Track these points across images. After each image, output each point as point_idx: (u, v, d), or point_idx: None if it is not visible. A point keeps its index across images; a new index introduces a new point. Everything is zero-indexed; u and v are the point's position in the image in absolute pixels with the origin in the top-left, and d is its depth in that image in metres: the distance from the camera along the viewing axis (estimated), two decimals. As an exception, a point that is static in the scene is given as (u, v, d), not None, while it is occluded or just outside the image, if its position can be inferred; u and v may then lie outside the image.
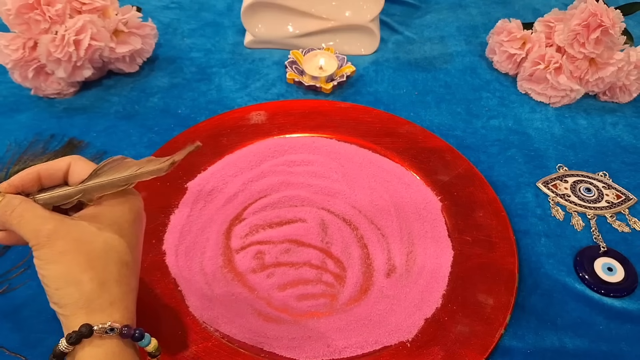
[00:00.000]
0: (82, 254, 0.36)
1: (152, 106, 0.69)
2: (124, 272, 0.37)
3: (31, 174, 0.38)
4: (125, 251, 0.38)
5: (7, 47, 0.62)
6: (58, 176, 0.39)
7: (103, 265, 0.36)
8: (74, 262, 0.35)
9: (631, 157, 0.66)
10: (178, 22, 0.83)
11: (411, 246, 0.54)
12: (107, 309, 0.36)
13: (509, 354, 0.47)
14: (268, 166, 0.61)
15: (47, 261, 0.35)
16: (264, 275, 0.51)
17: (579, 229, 0.58)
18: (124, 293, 0.37)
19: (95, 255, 0.36)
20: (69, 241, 0.36)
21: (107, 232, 0.37)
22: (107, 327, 0.34)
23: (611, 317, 0.51)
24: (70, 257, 0.35)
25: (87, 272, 0.35)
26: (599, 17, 0.64)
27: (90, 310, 0.35)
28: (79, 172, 0.39)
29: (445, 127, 0.68)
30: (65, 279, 0.35)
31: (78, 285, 0.35)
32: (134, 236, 0.39)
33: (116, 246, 0.37)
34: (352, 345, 0.47)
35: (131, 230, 0.39)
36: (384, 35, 0.82)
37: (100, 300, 0.35)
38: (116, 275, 0.37)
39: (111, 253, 0.37)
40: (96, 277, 0.35)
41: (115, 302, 0.36)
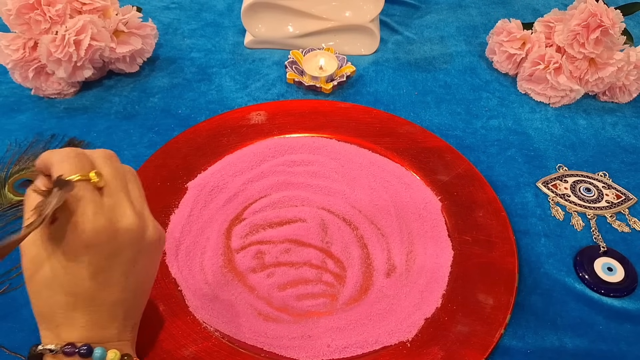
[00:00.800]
0: (35, 282, 0.36)
1: (152, 106, 0.69)
2: (71, 301, 0.36)
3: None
4: (68, 284, 0.35)
5: (8, 47, 0.62)
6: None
7: (49, 295, 0.36)
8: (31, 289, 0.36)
9: (631, 157, 0.66)
10: (178, 23, 0.83)
11: (411, 246, 0.54)
12: (55, 330, 0.36)
13: (508, 353, 0.47)
14: (268, 166, 0.61)
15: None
16: (264, 275, 0.52)
17: (579, 229, 0.58)
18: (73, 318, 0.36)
19: (44, 285, 0.36)
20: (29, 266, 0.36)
21: (54, 263, 0.35)
22: (46, 348, 0.35)
23: (611, 317, 0.51)
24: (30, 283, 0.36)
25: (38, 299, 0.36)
26: (599, 17, 0.64)
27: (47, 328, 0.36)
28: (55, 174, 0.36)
29: (445, 127, 0.68)
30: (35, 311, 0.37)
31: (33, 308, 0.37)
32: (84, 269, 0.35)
33: (58, 279, 0.35)
34: (352, 345, 0.47)
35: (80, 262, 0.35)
36: (384, 35, 0.82)
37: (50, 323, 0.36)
38: (62, 304, 0.36)
39: (55, 284, 0.36)
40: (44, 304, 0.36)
41: (61, 325, 0.36)
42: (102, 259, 0.35)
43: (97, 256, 0.35)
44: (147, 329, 0.46)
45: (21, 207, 0.56)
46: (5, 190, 0.57)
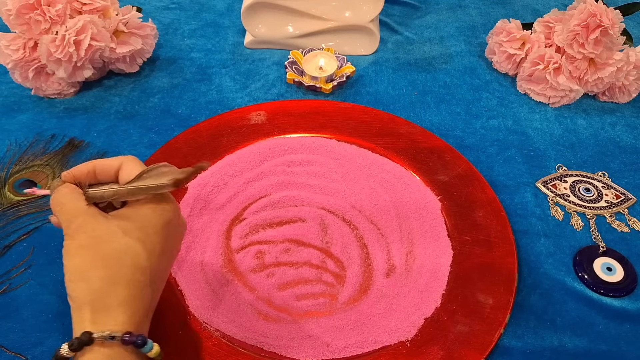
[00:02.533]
0: (98, 252, 0.36)
1: (152, 106, 0.69)
2: (137, 276, 0.37)
3: (88, 167, 0.40)
4: (142, 256, 0.38)
5: (8, 47, 0.62)
6: (110, 173, 0.40)
7: (117, 267, 0.37)
8: (89, 258, 0.36)
9: (630, 157, 0.66)
10: (178, 23, 0.83)
11: (411, 246, 0.54)
12: (113, 311, 0.36)
13: (508, 353, 0.48)
14: (268, 166, 0.61)
15: (68, 252, 0.37)
16: (264, 275, 0.52)
17: (579, 229, 0.58)
18: (133, 296, 0.37)
19: (112, 256, 0.37)
20: (91, 237, 0.37)
21: (131, 234, 0.38)
22: (106, 335, 0.35)
23: (610, 316, 0.51)
24: (87, 253, 0.36)
25: (99, 270, 0.36)
26: (599, 18, 0.64)
27: (96, 308, 0.35)
28: (128, 172, 0.39)
29: (444, 127, 0.68)
30: (78, 273, 0.36)
31: (88, 281, 0.36)
32: (157, 243, 0.39)
33: (135, 250, 0.37)
34: (352, 345, 0.47)
35: (156, 237, 0.39)
36: (384, 35, 0.82)
37: (108, 300, 0.36)
38: (128, 279, 0.37)
39: (128, 256, 0.37)
40: (107, 276, 0.36)
41: (122, 305, 0.36)
42: (170, 241, 0.40)
43: (169, 236, 0.40)
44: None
45: (21, 207, 0.56)
46: (5, 190, 0.57)
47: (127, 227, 0.38)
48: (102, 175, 0.40)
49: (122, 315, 0.36)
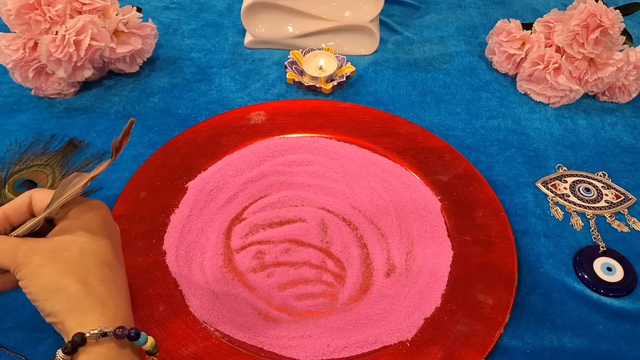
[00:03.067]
0: (60, 262, 0.36)
1: (152, 106, 0.69)
2: (106, 272, 0.37)
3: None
4: (103, 252, 0.38)
5: (8, 47, 0.62)
6: (23, 211, 0.39)
7: (83, 269, 0.36)
8: (54, 271, 0.36)
9: (630, 157, 0.66)
10: (178, 23, 0.83)
11: (411, 246, 0.54)
12: (99, 308, 0.36)
13: (508, 353, 0.48)
14: (268, 166, 0.61)
15: (29, 277, 0.36)
16: (264, 275, 0.52)
17: (578, 229, 0.58)
18: (111, 291, 0.37)
19: (74, 261, 0.36)
20: (45, 254, 0.36)
21: (80, 238, 0.38)
22: (98, 332, 0.34)
23: (610, 316, 0.51)
24: (49, 268, 0.36)
25: (69, 276, 0.36)
26: (598, 18, 0.64)
27: (82, 310, 0.35)
28: (41, 200, 0.39)
29: (444, 127, 0.68)
30: (49, 288, 0.35)
31: (63, 290, 0.35)
32: (106, 237, 0.39)
33: (92, 249, 0.38)
34: (352, 345, 0.47)
35: (103, 233, 0.39)
36: (384, 35, 0.82)
37: (90, 299, 0.36)
38: (99, 276, 0.37)
39: (88, 256, 0.37)
40: (79, 279, 0.36)
41: (105, 301, 0.36)
42: (112, 237, 0.40)
43: (109, 234, 0.40)
44: (147, 329, 0.46)
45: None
46: (5, 190, 0.57)
47: (73, 234, 0.38)
48: (15, 217, 0.39)
49: (107, 311, 0.36)
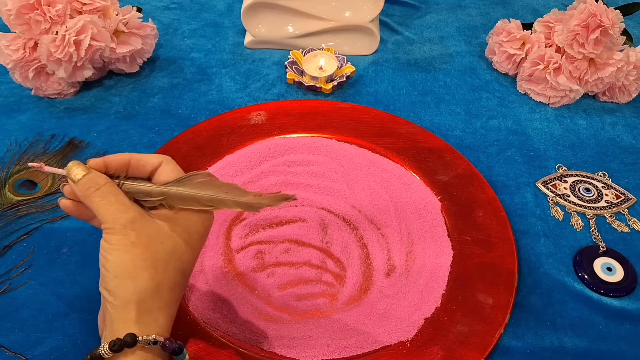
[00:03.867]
0: (149, 252, 0.36)
1: (152, 106, 0.69)
2: (179, 280, 0.37)
3: (123, 159, 0.39)
4: (187, 260, 0.38)
5: (8, 48, 0.62)
6: (146, 170, 0.39)
7: (164, 268, 0.36)
8: (140, 256, 0.35)
9: (630, 157, 0.66)
10: (178, 23, 0.83)
11: (411, 246, 0.54)
12: (155, 312, 0.35)
13: (508, 353, 0.47)
14: (268, 166, 0.61)
15: (116, 248, 0.35)
16: (264, 275, 0.52)
17: (579, 229, 0.58)
18: (173, 300, 0.37)
19: (161, 257, 0.36)
20: (142, 235, 0.36)
21: (177, 237, 0.37)
22: (151, 339, 0.34)
23: (610, 316, 0.51)
24: (138, 251, 0.35)
25: (149, 270, 0.35)
26: (599, 18, 0.64)
27: (140, 308, 0.35)
28: (167, 174, 0.39)
29: (444, 127, 0.68)
30: (127, 270, 0.35)
31: (136, 280, 0.35)
32: (197, 249, 0.39)
33: (181, 253, 0.37)
34: (352, 345, 0.47)
35: (197, 242, 0.39)
36: (384, 35, 0.82)
37: (152, 301, 0.35)
38: (172, 281, 0.37)
39: (174, 259, 0.37)
40: (155, 277, 0.35)
41: (163, 307, 0.36)
42: (198, 252, 0.40)
43: (199, 247, 0.40)
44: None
45: (21, 207, 0.56)
46: (5, 190, 0.57)
47: (175, 229, 0.37)
48: (135, 170, 0.39)
49: (163, 318, 0.36)
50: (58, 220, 0.55)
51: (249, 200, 0.39)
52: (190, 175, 0.39)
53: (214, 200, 0.38)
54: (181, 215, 0.38)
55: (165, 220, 0.38)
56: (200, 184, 0.38)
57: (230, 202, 0.38)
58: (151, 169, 0.39)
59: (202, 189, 0.38)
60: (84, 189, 0.37)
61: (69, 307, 0.48)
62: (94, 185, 0.37)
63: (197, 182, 0.38)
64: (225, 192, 0.38)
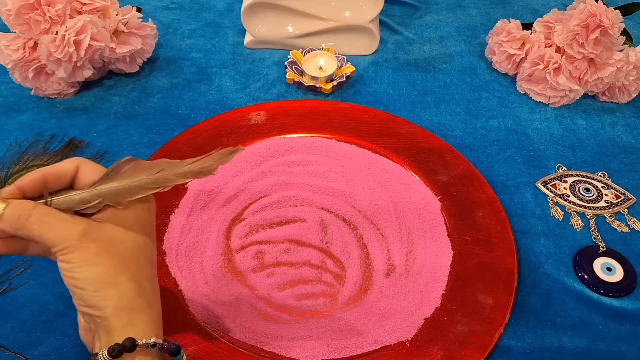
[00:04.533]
0: (116, 255, 0.34)
1: (152, 106, 0.69)
2: (153, 272, 0.37)
3: (37, 177, 0.35)
4: (151, 250, 0.37)
5: (8, 47, 0.62)
6: (65, 179, 0.36)
7: (137, 265, 0.35)
8: (110, 262, 0.34)
9: (630, 157, 0.66)
10: (178, 23, 0.83)
11: (410, 246, 0.54)
12: (147, 310, 0.35)
13: (508, 353, 0.48)
14: (268, 166, 0.61)
15: (81, 264, 0.33)
16: (264, 275, 0.52)
17: (578, 229, 0.58)
18: (155, 293, 0.36)
19: (129, 256, 0.35)
20: (102, 242, 0.34)
21: (133, 232, 0.36)
22: (150, 342, 0.34)
23: (610, 316, 0.51)
24: (106, 258, 0.34)
25: (125, 272, 0.34)
26: (598, 18, 0.64)
27: (131, 310, 0.34)
28: (89, 175, 0.36)
29: (444, 127, 0.68)
30: (103, 280, 0.34)
31: (117, 286, 0.34)
32: (153, 237, 0.38)
33: (143, 246, 0.36)
34: (351, 345, 0.47)
35: (151, 230, 0.38)
36: (384, 35, 0.82)
37: (140, 300, 0.34)
38: (149, 276, 0.36)
39: (141, 253, 0.36)
40: (133, 277, 0.35)
41: (152, 303, 0.35)
42: (154, 240, 0.39)
43: (154, 235, 0.39)
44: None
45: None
46: (5, 190, 0.57)
47: (127, 226, 0.36)
48: (54, 183, 0.36)
49: (154, 314, 0.35)
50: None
51: (192, 167, 0.37)
52: (114, 167, 0.36)
53: (159, 181, 0.36)
54: (126, 210, 0.36)
55: (113, 220, 0.36)
56: (129, 171, 0.36)
57: (173, 176, 0.37)
58: (70, 175, 0.36)
59: (135, 175, 0.36)
60: (13, 222, 0.34)
61: (69, 307, 0.48)
62: (24, 214, 0.34)
63: (126, 171, 0.36)
64: (160, 170, 0.36)
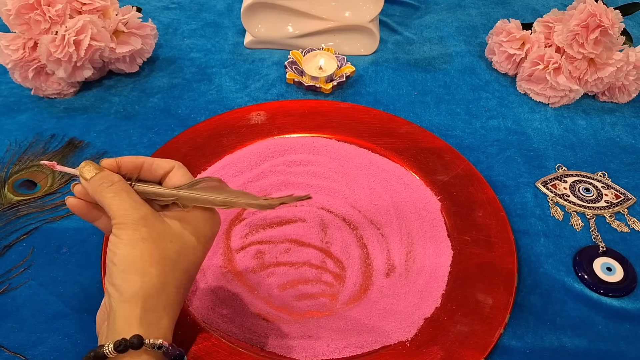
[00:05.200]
0: (158, 249, 0.36)
1: (152, 106, 0.69)
2: (185, 280, 0.38)
3: (136, 161, 0.39)
4: (193, 261, 0.38)
5: (8, 47, 0.62)
6: (158, 174, 0.40)
7: (172, 267, 0.36)
8: (149, 253, 0.35)
9: (630, 157, 0.66)
10: (178, 23, 0.83)
11: (410, 246, 0.54)
12: (160, 312, 0.35)
13: (508, 353, 0.48)
14: (268, 166, 0.61)
15: (126, 243, 0.35)
16: (264, 275, 0.52)
17: (578, 229, 0.58)
18: (178, 301, 0.37)
19: (169, 255, 0.36)
20: (152, 232, 0.36)
21: (187, 237, 0.38)
22: (157, 343, 0.34)
23: (610, 316, 0.51)
24: (147, 247, 0.35)
25: (157, 267, 0.35)
26: (598, 18, 0.64)
27: (145, 306, 0.35)
28: (178, 178, 0.39)
29: (444, 127, 0.68)
30: (135, 265, 0.35)
31: (144, 276, 0.35)
32: (203, 252, 0.39)
33: (189, 254, 0.38)
34: (351, 345, 0.47)
35: (205, 245, 0.39)
36: (384, 35, 0.82)
37: (157, 299, 0.35)
38: (178, 281, 0.37)
39: (182, 259, 0.37)
40: (162, 275, 0.36)
41: (167, 307, 0.36)
42: (205, 255, 0.40)
43: (207, 250, 0.40)
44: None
45: (21, 207, 0.56)
46: (5, 190, 0.57)
47: (185, 228, 0.38)
48: (147, 173, 0.39)
49: (166, 319, 0.36)
50: (58, 220, 0.55)
51: (262, 202, 0.39)
52: (201, 180, 0.39)
53: (227, 203, 0.39)
54: (192, 215, 0.39)
55: (177, 219, 0.38)
56: (211, 188, 0.39)
57: (242, 203, 0.39)
58: (163, 172, 0.40)
59: (214, 193, 0.39)
60: (96, 185, 0.37)
61: (69, 307, 0.48)
62: (107, 182, 0.37)
63: (208, 187, 0.39)
64: (235, 197, 0.39)
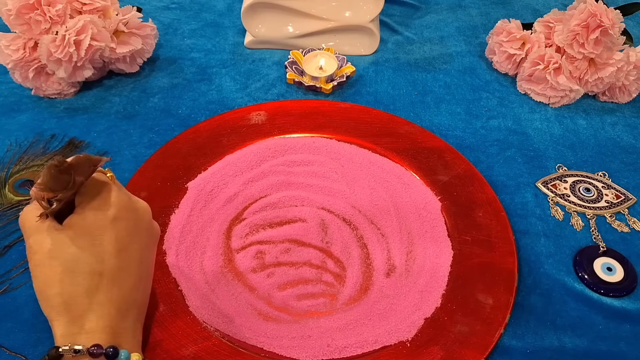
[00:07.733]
0: (52, 268, 0.37)
1: (152, 106, 0.69)
2: (95, 282, 0.37)
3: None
4: (95, 261, 0.38)
5: (8, 48, 0.62)
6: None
7: (69, 279, 0.37)
8: (44, 277, 0.37)
9: (630, 157, 0.66)
10: (178, 23, 0.83)
11: (411, 246, 0.54)
12: (78, 321, 0.37)
13: (508, 353, 0.48)
14: (268, 166, 0.61)
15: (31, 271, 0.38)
16: (264, 275, 0.52)
17: (579, 229, 0.58)
18: (97, 303, 0.37)
19: (64, 269, 0.37)
20: (43, 255, 0.37)
21: (78, 242, 0.38)
22: (75, 348, 0.35)
23: (610, 317, 0.51)
24: (42, 271, 0.37)
25: (54, 287, 0.37)
26: (599, 18, 0.64)
27: (64, 321, 0.37)
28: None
29: (444, 127, 0.68)
30: (39, 292, 0.37)
31: (48, 300, 0.37)
32: (109, 243, 0.38)
33: (82, 258, 0.37)
34: (352, 345, 0.47)
35: (105, 237, 0.38)
36: (384, 35, 0.82)
37: (71, 312, 0.37)
38: (86, 287, 0.37)
39: (78, 265, 0.37)
40: (63, 292, 0.37)
41: (86, 313, 0.37)
42: (125, 235, 0.39)
43: (121, 232, 0.39)
44: (147, 329, 0.46)
45: (21, 207, 0.56)
46: (6, 190, 0.57)
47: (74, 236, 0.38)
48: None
49: (89, 323, 0.37)
50: (58, 220, 0.55)
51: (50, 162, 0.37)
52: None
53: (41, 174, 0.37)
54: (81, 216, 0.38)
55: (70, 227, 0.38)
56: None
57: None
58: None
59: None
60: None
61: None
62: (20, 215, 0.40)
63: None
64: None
